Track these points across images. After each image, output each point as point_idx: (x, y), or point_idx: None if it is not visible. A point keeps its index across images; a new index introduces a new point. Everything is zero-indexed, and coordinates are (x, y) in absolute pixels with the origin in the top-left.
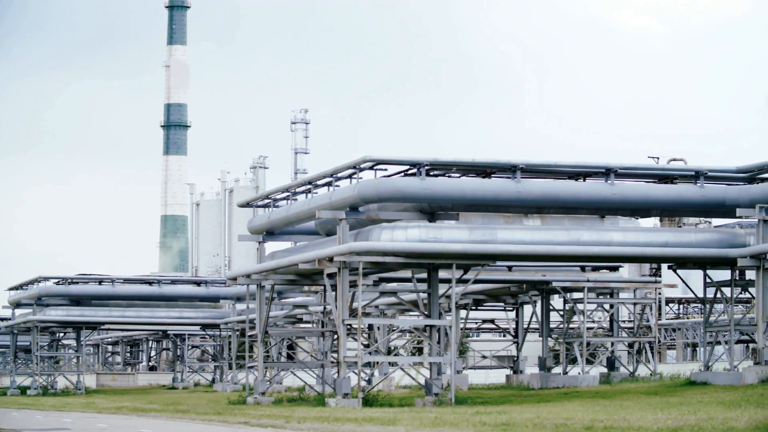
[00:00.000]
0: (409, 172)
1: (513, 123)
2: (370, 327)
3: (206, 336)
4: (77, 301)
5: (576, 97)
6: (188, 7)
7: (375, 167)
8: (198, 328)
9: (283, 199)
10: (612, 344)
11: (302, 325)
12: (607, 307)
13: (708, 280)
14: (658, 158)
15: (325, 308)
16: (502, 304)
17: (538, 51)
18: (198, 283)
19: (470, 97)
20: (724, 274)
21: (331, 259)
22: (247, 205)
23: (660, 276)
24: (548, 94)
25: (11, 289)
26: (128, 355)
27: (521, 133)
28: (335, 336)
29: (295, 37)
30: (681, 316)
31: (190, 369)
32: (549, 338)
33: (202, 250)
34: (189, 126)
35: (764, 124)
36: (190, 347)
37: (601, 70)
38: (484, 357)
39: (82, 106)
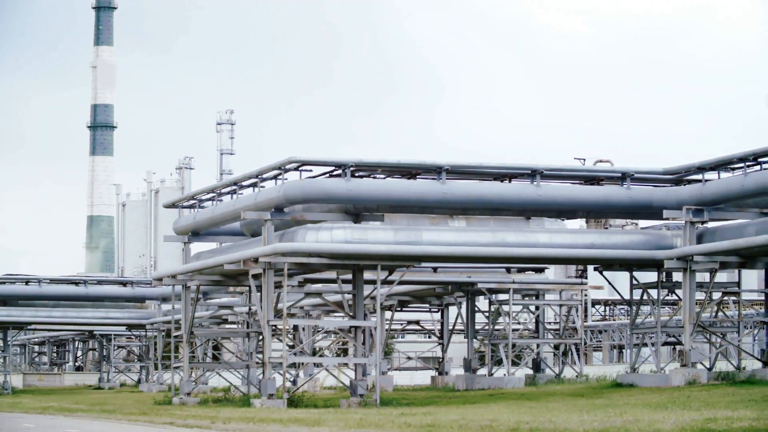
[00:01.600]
0: (335, 173)
1: (439, 124)
2: (296, 328)
3: (132, 336)
4: (3, 301)
5: (502, 99)
6: (115, 8)
7: (300, 168)
8: (124, 328)
9: (209, 199)
10: (538, 346)
11: (227, 326)
12: (532, 308)
13: (634, 282)
14: (584, 159)
15: (250, 309)
16: (428, 305)
17: (464, 52)
18: (124, 284)
19: (395, 98)
20: (650, 276)
21: (256, 260)
22: (172, 205)
23: (586, 278)
24: (475, 95)
25: None
26: (55, 355)
27: (447, 135)
28: (260, 337)
29: (220, 38)
30: (607, 317)
31: (116, 369)
32: (474, 340)
33: (128, 250)
34: (115, 127)
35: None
36: (116, 347)
37: (528, 72)
38: (409, 358)
39: (8, 105)
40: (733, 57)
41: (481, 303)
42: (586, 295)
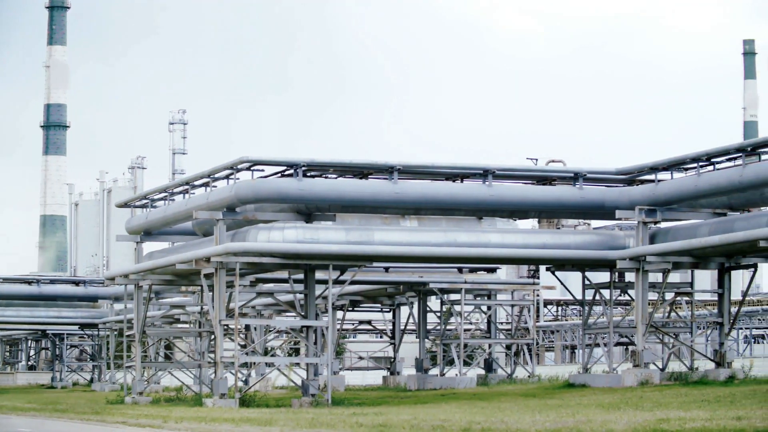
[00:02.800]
0: (287, 172)
1: (391, 125)
2: (247, 327)
3: (85, 336)
4: None
5: (454, 99)
6: (68, 8)
7: (252, 168)
8: (77, 327)
9: (161, 199)
10: (489, 346)
11: (180, 326)
12: (484, 308)
13: (587, 282)
14: (536, 159)
15: (202, 309)
16: (379, 305)
17: (417, 52)
18: (77, 283)
19: (348, 98)
20: (603, 276)
21: (208, 260)
22: (125, 205)
23: (538, 278)
24: (427, 95)
25: None
26: (7, 354)
27: (399, 135)
28: (212, 336)
29: (173, 37)
30: (559, 318)
31: (68, 368)
32: (426, 340)
33: (80, 250)
34: (68, 126)
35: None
36: (68, 347)
37: (481, 72)
38: (361, 358)
39: None
40: (685, 58)
41: (433, 303)
42: (538, 296)
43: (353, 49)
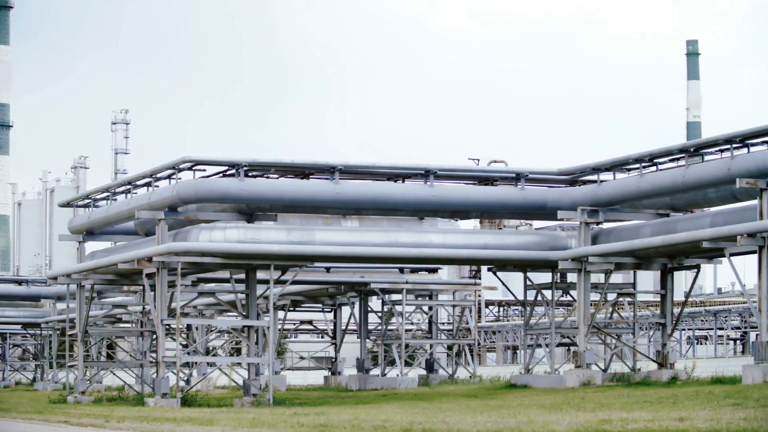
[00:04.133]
0: (228, 172)
1: (334, 125)
2: (189, 327)
3: (27, 335)
4: None
5: (397, 99)
6: (11, 7)
7: (194, 168)
8: (19, 326)
9: (104, 199)
10: (431, 346)
11: (122, 325)
12: (426, 309)
13: (528, 283)
14: (478, 160)
15: (144, 308)
16: (321, 305)
17: (359, 54)
18: (19, 282)
19: (292, 98)
20: (545, 277)
21: (149, 260)
22: (67, 205)
23: (480, 278)
24: (370, 96)
25: None
26: None
27: (342, 135)
28: (154, 336)
29: (116, 37)
30: (501, 318)
31: (11, 368)
32: (367, 340)
33: (23, 249)
34: (11, 126)
35: (586, 126)
36: (11, 346)
37: (424, 72)
38: (302, 358)
39: None
40: (629, 58)
41: (374, 303)
42: (479, 296)
43: (296, 51)
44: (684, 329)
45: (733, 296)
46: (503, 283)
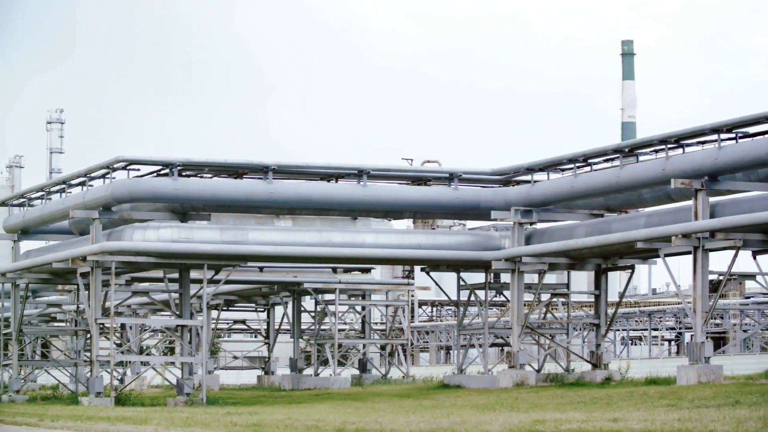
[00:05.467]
0: (162, 172)
1: (267, 124)
2: (123, 326)
3: None
4: None
5: (331, 99)
6: None
7: (128, 167)
8: None
9: (38, 198)
10: (364, 346)
11: (56, 324)
12: (359, 308)
13: (462, 283)
14: (412, 160)
15: (78, 307)
16: (254, 304)
17: (293, 53)
18: None
19: (228, 97)
20: (478, 277)
21: (84, 259)
22: (2, 204)
23: (413, 278)
24: (304, 95)
25: None
26: None
27: (275, 135)
28: (88, 335)
29: (49, 36)
30: (434, 318)
31: None
32: (300, 339)
33: None
34: None
35: (522, 126)
36: None
37: (358, 72)
38: (235, 357)
39: None
40: (564, 58)
41: (308, 303)
42: (412, 296)
43: (232, 49)
44: (618, 330)
45: (667, 297)
46: (436, 283)
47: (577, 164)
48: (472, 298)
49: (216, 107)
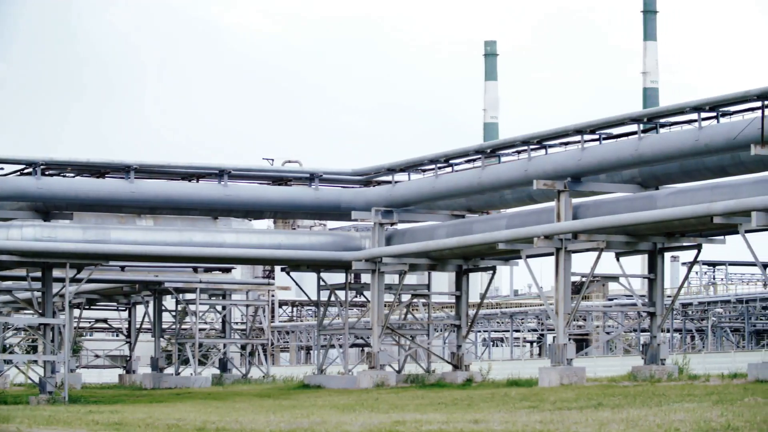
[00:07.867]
0: (26, 171)
1: (131, 123)
2: None
3: None
4: None
5: (193, 98)
6: None
7: None
8: None
9: None
10: (224, 346)
11: None
12: (219, 308)
13: (322, 283)
14: (272, 160)
15: None
16: (116, 303)
17: (154, 49)
18: None
19: (89, 95)
20: (339, 277)
21: None
22: None
23: (273, 278)
24: (167, 94)
25: None
26: None
27: (139, 134)
28: None
29: None
30: (295, 318)
31: None
32: (161, 339)
33: None
34: None
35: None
36: None
37: (218, 70)
38: (97, 356)
39: None
40: (427, 59)
41: (169, 302)
42: (273, 296)
43: (94, 47)
44: (480, 331)
45: (529, 298)
46: (296, 284)
47: (439, 165)
48: (333, 298)
49: (81, 104)
